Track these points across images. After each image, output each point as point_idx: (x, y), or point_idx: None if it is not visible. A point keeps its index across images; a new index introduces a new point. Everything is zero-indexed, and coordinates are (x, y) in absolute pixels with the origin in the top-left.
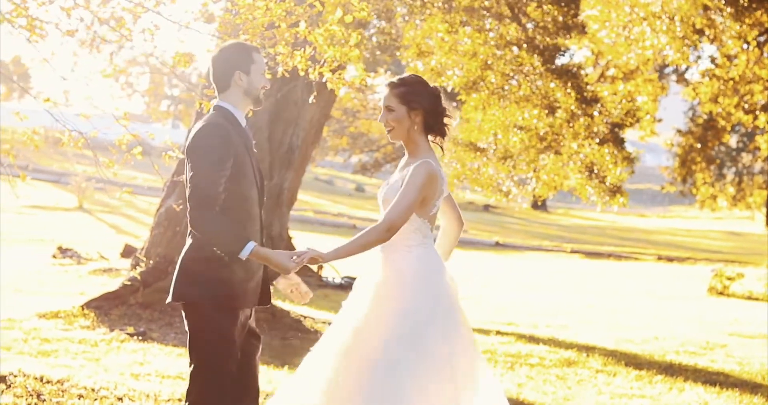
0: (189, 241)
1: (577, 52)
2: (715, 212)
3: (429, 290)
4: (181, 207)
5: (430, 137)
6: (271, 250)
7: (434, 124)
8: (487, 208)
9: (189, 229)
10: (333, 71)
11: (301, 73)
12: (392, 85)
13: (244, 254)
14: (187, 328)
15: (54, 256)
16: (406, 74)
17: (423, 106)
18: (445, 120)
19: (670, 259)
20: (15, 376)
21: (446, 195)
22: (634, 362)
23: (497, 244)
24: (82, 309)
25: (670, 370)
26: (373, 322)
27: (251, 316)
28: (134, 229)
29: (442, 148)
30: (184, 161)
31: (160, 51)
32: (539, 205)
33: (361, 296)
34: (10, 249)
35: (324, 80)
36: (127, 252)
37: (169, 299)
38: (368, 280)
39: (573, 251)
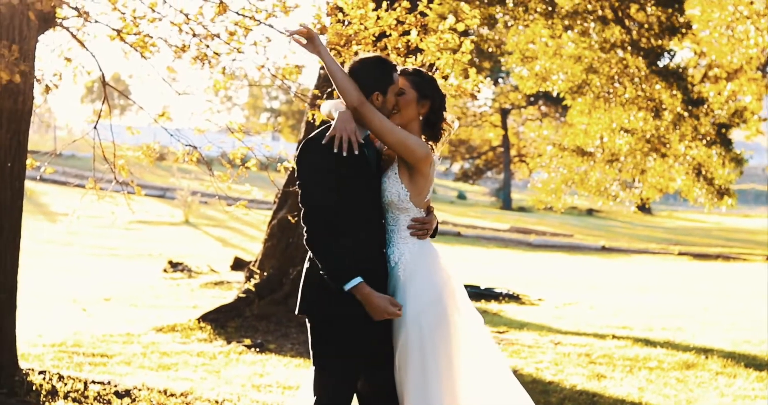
0: (311, 254)
1: (678, 53)
2: None
3: (421, 282)
4: (296, 218)
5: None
6: (375, 292)
7: (435, 122)
8: (591, 212)
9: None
10: (445, 78)
11: None
12: (406, 72)
13: (346, 287)
14: (310, 345)
15: (165, 270)
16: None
17: (433, 98)
18: (444, 125)
19: None
20: (139, 390)
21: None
22: (754, 364)
23: (603, 248)
24: (198, 322)
25: None
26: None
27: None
28: (240, 241)
29: (433, 150)
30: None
31: (270, 63)
32: (644, 208)
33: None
34: (121, 264)
35: None
36: (237, 265)
37: (296, 311)
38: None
39: (680, 253)
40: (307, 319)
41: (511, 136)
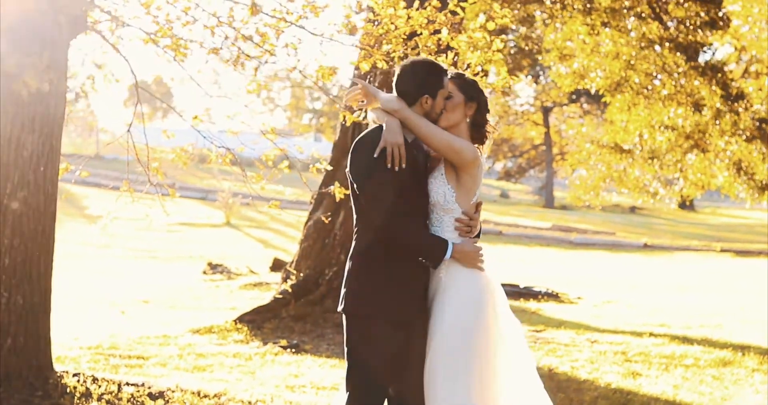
0: (353, 253)
1: (719, 49)
2: None
3: (462, 283)
4: (330, 219)
5: None
6: (463, 243)
7: (482, 123)
8: (633, 210)
9: (354, 240)
10: (476, 75)
11: None
12: (450, 76)
13: (448, 256)
14: (345, 344)
15: (204, 272)
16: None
17: (479, 100)
18: (488, 127)
19: None
20: (173, 392)
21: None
22: None
23: (645, 246)
24: (235, 323)
25: None
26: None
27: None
28: (281, 243)
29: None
30: (333, 173)
31: (301, 65)
32: (687, 205)
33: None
34: (161, 266)
35: None
36: (277, 266)
37: (339, 308)
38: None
39: (723, 250)
40: (343, 317)
41: (553, 134)
